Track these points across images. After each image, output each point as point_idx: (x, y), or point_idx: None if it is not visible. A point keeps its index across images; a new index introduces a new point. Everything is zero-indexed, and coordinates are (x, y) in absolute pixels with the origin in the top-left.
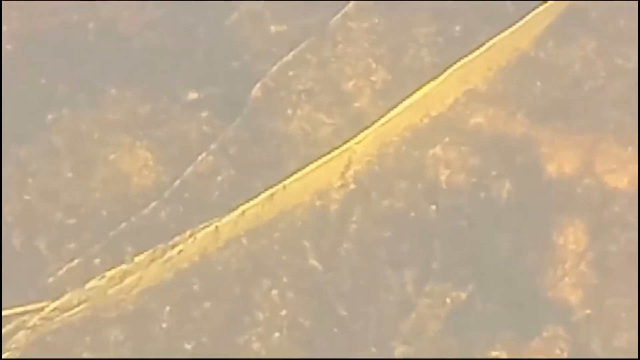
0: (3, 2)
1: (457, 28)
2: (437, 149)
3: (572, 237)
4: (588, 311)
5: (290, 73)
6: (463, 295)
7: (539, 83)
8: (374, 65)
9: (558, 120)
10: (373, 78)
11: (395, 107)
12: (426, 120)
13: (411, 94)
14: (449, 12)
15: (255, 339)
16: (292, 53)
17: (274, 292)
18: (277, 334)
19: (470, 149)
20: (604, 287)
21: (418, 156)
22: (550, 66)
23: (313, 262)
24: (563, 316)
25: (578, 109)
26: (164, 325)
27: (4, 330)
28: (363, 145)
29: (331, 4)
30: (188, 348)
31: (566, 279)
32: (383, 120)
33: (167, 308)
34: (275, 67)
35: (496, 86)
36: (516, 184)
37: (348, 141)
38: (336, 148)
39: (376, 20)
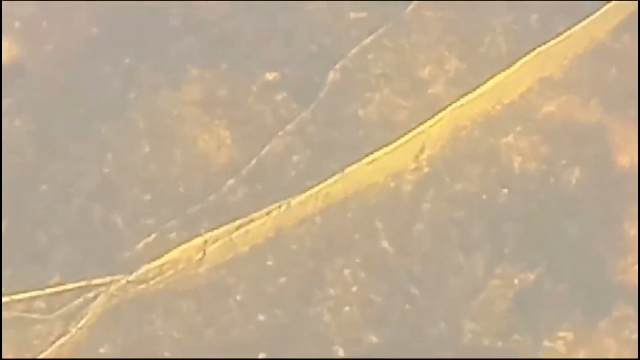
0: None
1: (534, 17)
2: (510, 138)
3: None
4: None
5: (369, 56)
6: (532, 277)
7: (614, 69)
8: (446, 53)
9: (631, 109)
10: (446, 67)
11: (468, 93)
12: (499, 108)
13: (484, 82)
14: (525, 2)
15: (326, 311)
16: (370, 37)
17: (347, 271)
18: (347, 308)
19: (541, 137)
20: None
21: (491, 143)
22: (624, 57)
23: (385, 244)
24: (632, 298)
25: None
26: (238, 298)
27: (81, 299)
28: (437, 129)
29: None
30: (262, 319)
31: (635, 266)
32: (456, 104)
33: (241, 283)
34: (354, 50)
35: (571, 74)
36: (586, 173)
37: (422, 123)
38: (411, 130)
39: (451, 11)
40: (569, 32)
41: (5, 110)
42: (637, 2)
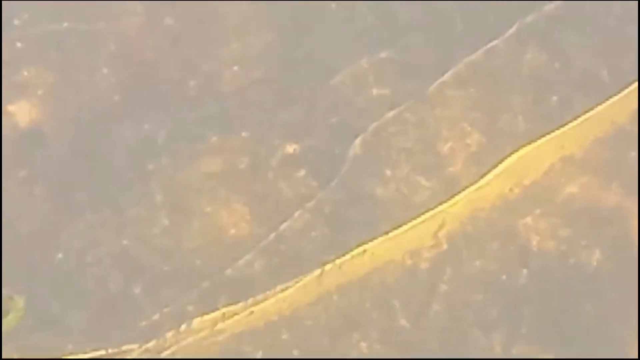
0: (116, 62)
1: (554, 98)
2: (528, 219)
3: None
4: None
5: (390, 130)
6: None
7: (633, 153)
8: (469, 128)
9: None
10: (468, 141)
11: (488, 172)
12: (517, 190)
13: (505, 158)
14: (545, 82)
15: None
16: (392, 112)
17: (363, 344)
18: None
19: (561, 220)
20: None
21: (510, 223)
22: None
23: (403, 322)
24: None
25: None
26: None
27: None
28: (455, 209)
29: (431, 71)
30: None
31: None
32: (476, 186)
33: (260, 352)
34: (375, 124)
35: (591, 155)
36: (606, 255)
37: (442, 204)
38: (430, 210)
39: (472, 89)
40: (588, 114)
41: (24, 177)
42: None
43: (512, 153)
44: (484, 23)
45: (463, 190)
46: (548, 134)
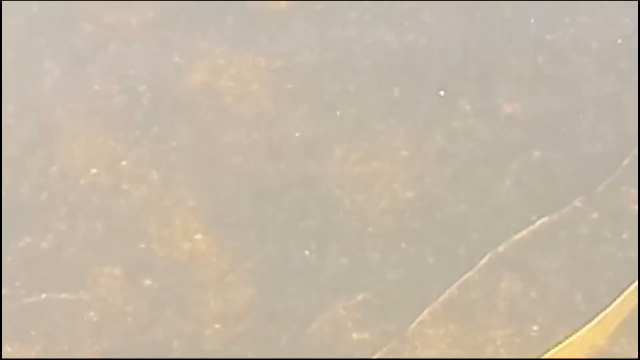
0: (99, 331)
1: (534, 327)
2: None
3: None
4: None
5: None
6: None
7: None
8: None
9: None
10: None
11: None
12: None
13: None
14: (524, 313)
15: None
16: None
17: None
18: None
19: None
20: None
21: None
22: None
23: None
24: None
25: None
26: None
27: None
28: None
29: (408, 311)
30: None
31: None
32: None
33: None
34: None
35: None
36: None
37: None
38: None
39: (451, 327)
40: (569, 340)
41: None
42: (632, 305)
43: None
44: (456, 256)
45: None
46: None
